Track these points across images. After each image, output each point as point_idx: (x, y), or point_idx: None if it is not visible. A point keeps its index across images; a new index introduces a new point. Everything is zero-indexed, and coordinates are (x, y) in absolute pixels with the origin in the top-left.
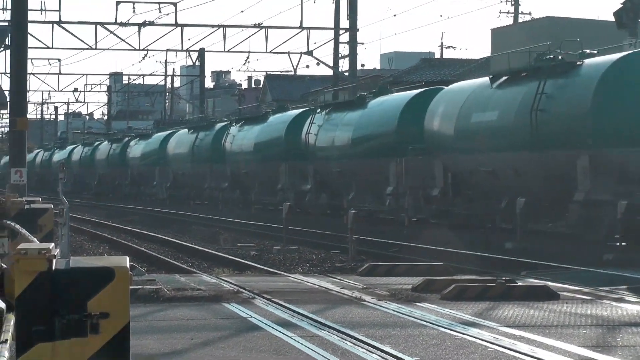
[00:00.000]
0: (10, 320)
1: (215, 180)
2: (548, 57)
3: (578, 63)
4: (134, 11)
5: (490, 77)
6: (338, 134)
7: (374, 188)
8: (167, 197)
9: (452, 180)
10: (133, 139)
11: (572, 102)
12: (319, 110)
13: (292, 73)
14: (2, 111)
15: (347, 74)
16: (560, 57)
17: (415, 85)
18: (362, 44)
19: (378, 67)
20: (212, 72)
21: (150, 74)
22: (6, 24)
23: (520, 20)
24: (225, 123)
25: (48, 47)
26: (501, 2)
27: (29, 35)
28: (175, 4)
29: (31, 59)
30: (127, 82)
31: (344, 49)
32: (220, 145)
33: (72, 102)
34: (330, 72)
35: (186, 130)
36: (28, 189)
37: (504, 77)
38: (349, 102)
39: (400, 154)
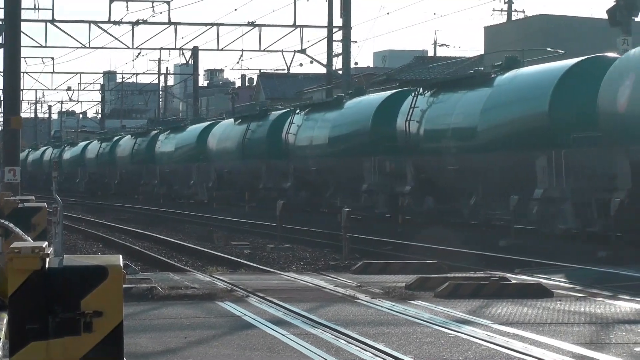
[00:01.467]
0: (3, 319)
1: (273, 179)
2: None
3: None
4: (127, 10)
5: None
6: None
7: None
8: (210, 198)
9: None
10: (162, 133)
11: None
12: (298, 110)
13: (286, 71)
14: None
15: (340, 72)
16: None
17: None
18: (356, 42)
19: (372, 66)
20: (205, 71)
21: (143, 73)
22: None
23: (513, 18)
24: (287, 110)
25: (41, 46)
26: (494, 0)
27: (22, 34)
28: (168, 3)
29: (24, 58)
30: (120, 80)
31: (338, 47)
32: (280, 138)
33: (66, 101)
34: (323, 70)
35: (232, 120)
36: (35, 189)
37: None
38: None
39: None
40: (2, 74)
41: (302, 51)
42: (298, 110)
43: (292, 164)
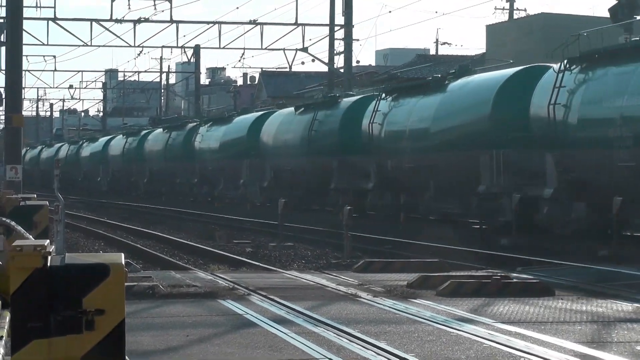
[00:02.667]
0: (6, 317)
1: (346, 178)
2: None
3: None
4: (129, 8)
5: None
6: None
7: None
8: (264, 200)
9: None
10: (202, 125)
11: None
12: (383, 95)
13: (288, 69)
14: None
15: (342, 70)
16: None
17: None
18: (358, 40)
19: (373, 64)
20: (207, 69)
21: (145, 71)
22: (1, 20)
23: (515, 16)
24: (363, 96)
25: (43, 44)
26: None
27: (24, 32)
28: (170, 1)
29: (26, 56)
30: (122, 78)
31: (339, 46)
32: (357, 132)
33: (68, 99)
34: (325, 68)
35: (291, 110)
36: (48, 189)
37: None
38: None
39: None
40: (4, 71)
41: (304, 49)
42: (384, 95)
43: (374, 160)
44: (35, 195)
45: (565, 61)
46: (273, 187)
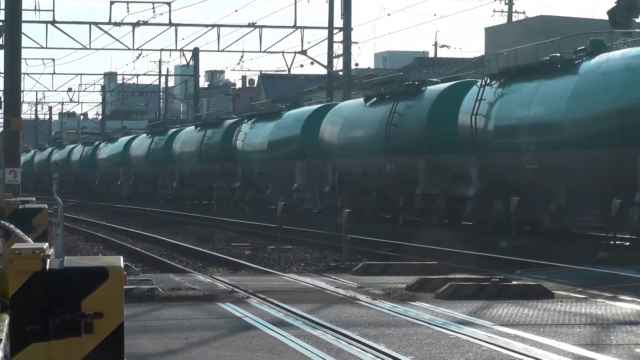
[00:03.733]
0: (5, 320)
1: (438, 181)
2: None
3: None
4: (128, 11)
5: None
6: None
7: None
8: (326, 206)
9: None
10: (243, 122)
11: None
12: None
13: (286, 72)
14: None
15: (341, 73)
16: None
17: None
18: (356, 43)
19: (372, 67)
20: (206, 72)
21: (144, 74)
22: (0, 23)
23: (514, 19)
24: (453, 83)
25: (42, 47)
26: (495, 1)
27: (22, 35)
28: (169, 4)
29: (25, 59)
30: (121, 81)
31: (338, 49)
32: (451, 126)
33: (67, 102)
34: (324, 71)
35: (359, 102)
36: (61, 194)
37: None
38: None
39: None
40: (2, 75)
41: (303, 52)
42: (488, 81)
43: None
44: (35, 199)
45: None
46: (336, 192)
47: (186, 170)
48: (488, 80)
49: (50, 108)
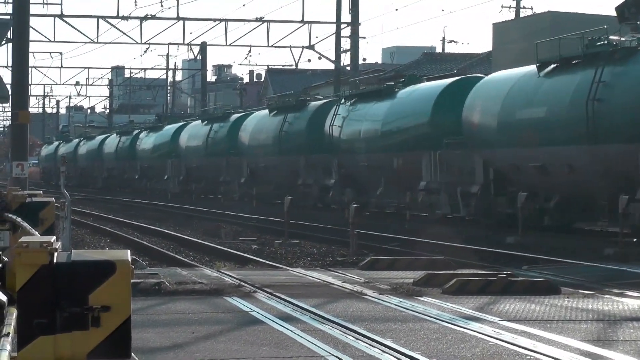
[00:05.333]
0: (13, 313)
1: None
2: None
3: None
4: (135, 5)
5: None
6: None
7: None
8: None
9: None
10: (341, 104)
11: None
12: (342, 101)
13: (294, 67)
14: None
15: (348, 68)
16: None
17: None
18: (364, 38)
19: (380, 62)
20: (213, 66)
21: (152, 68)
22: (8, 17)
23: (522, 14)
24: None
25: (50, 41)
26: None
27: (30, 29)
28: None
29: (33, 53)
30: (128, 75)
31: (346, 43)
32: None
33: (74, 96)
34: (331, 66)
35: (511, 73)
36: (90, 190)
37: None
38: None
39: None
40: (10, 68)
41: (310, 47)
42: (342, 101)
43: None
44: (42, 192)
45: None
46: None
47: (260, 163)
48: (343, 100)
49: (57, 102)
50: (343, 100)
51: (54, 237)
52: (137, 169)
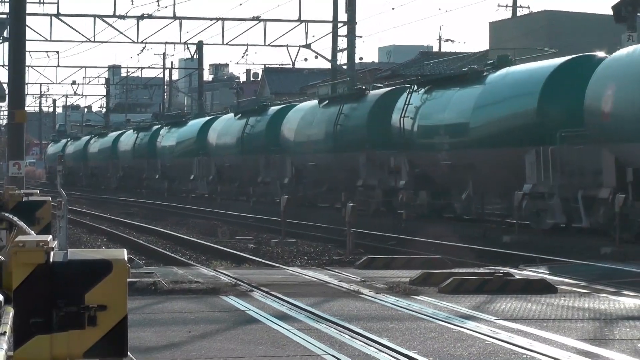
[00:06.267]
0: (9, 312)
1: None
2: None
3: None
4: (132, 4)
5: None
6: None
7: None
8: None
9: None
10: (411, 90)
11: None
12: (415, 88)
13: (291, 66)
14: (1, 104)
15: (345, 67)
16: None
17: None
18: (361, 37)
19: (376, 61)
20: (210, 65)
21: (148, 67)
22: (4, 16)
23: (518, 13)
24: None
25: (46, 40)
26: None
27: (27, 28)
28: None
29: (29, 52)
30: (125, 74)
31: (343, 42)
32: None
33: (71, 95)
34: (328, 65)
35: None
36: (109, 191)
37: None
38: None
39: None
40: (7, 67)
41: (307, 46)
42: (415, 88)
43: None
44: (38, 191)
45: (414, 85)
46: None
47: (311, 161)
48: (415, 87)
49: (54, 101)
50: (415, 87)
51: (50, 237)
52: (158, 168)
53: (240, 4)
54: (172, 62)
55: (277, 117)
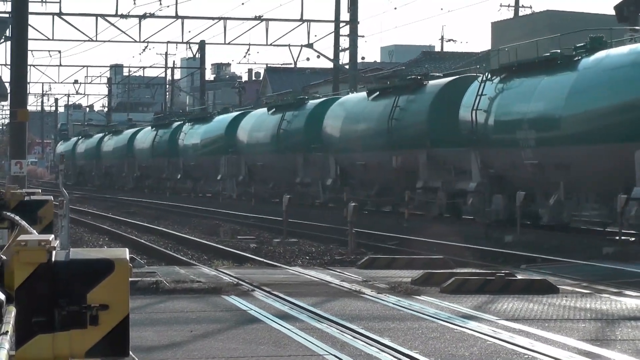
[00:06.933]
0: (11, 312)
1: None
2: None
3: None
4: (134, 3)
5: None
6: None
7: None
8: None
9: None
10: (485, 79)
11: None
12: (489, 76)
13: (293, 66)
14: (3, 103)
15: (347, 67)
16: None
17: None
18: (363, 37)
19: (379, 60)
20: (212, 65)
21: (150, 66)
22: (7, 15)
23: (520, 13)
24: None
25: (48, 39)
26: None
27: (29, 27)
28: None
29: (31, 51)
30: (127, 74)
31: (345, 42)
32: None
33: (73, 94)
34: (330, 65)
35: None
36: (125, 192)
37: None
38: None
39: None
40: (9, 66)
41: (309, 45)
42: (488, 76)
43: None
44: (40, 190)
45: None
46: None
47: (358, 160)
48: (489, 76)
49: (56, 100)
50: (489, 76)
51: (52, 236)
52: (180, 168)
53: (243, 4)
54: (174, 61)
55: (318, 111)
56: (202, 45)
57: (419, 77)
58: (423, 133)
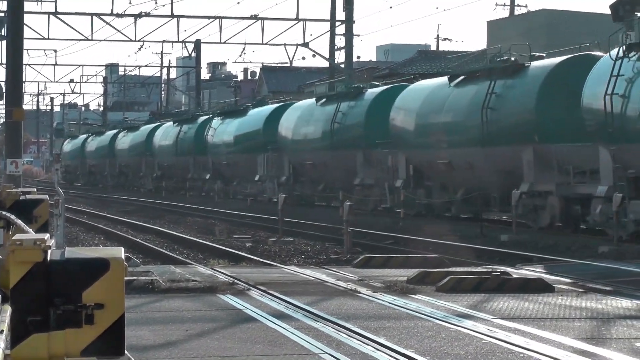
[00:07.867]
0: (6, 311)
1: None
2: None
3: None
4: (130, 2)
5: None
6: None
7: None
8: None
9: None
10: (618, 57)
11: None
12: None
13: (288, 65)
14: None
15: (343, 65)
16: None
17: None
18: (358, 36)
19: (374, 59)
20: (208, 64)
21: (146, 65)
22: (2, 14)
23: (516, 12)
24: None
25: (44, 38)
26: None
27: (24, 26)
28: None
29: (27, 50)
30: (123, 73)
31: (340, 41)
32: None
33: (68, 93)
34: (326, 64)
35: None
36: (144, 194)
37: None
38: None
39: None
40: (4, 65)
41: (305, 45)
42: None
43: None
44: (36, 189)
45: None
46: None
47: (439, 159)
48: (627, 52)
49: (51, 99)
50: (623, 51)
51: (48, 235)
52: (209, 167)
53: (238, 3)
54: (169, 60)
55: (380, 101)
56: (197, 44)
57: (515, 61)
58: (529, 125)
